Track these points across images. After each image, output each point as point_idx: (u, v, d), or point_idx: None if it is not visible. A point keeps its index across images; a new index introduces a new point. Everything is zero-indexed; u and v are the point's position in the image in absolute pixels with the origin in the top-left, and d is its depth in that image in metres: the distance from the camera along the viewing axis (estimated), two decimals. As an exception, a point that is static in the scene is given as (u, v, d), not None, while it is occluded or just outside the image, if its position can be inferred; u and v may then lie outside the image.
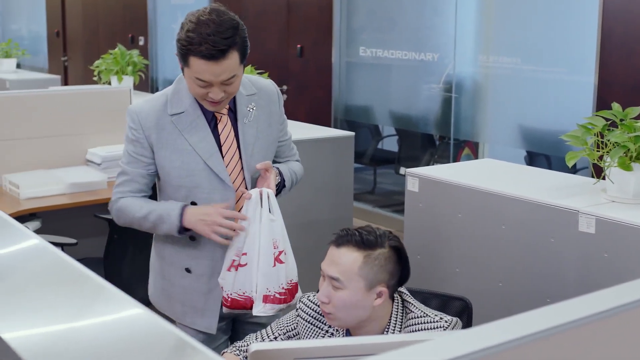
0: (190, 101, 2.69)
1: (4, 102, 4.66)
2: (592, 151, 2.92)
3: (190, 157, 2.68)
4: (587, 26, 5.28)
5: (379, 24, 7.10)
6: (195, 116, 2.69)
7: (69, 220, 4.76)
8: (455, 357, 0.89)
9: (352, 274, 2.24)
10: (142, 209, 2.70)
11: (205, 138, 2.69)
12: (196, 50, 2.48)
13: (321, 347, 1.41)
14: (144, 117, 2.69)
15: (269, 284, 2.68)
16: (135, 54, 6.18)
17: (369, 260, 2.26)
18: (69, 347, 1.04)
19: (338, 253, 2.27)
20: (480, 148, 6.52)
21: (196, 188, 2.69)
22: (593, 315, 1.01)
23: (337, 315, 2.27)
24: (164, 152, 2.69)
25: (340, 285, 2.24)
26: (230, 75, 2.55)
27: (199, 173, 2.68)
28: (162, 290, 2.88)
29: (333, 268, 2.26)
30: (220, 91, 2.56)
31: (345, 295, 2.24)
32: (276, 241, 2.69)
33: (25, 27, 13.46)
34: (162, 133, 2.68)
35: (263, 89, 2.85)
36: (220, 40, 2.48)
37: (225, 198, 2.70)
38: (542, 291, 2.93)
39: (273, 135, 2.85)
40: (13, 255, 1.43)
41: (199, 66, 2.51)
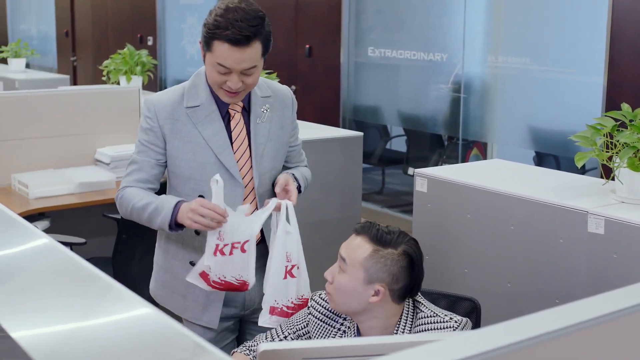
0: (206, 95, 2.72)
1: (13, 102, 4.67)
2: (601, 152, 2.91)
3: (202, 149, 2.70)
4: (596, 26, 5.27)
5: (388, 24, 7.10)
6: (211, 110, 2.72)
7: (78, 220, 4.77)
8: (464, 357, 0.89)
9: (356, 262, 2.28)
10: (142, 200, 2.70)
11: (219, 132, 2.71)
12: (222, 35, 2.53)
13: (330, 347, 1.41)
14: (161, 107, 2.72)
15: (277, 296, 2.66)
16: (144, 54, 6.19)
17: (375, 256, 2.27)
18: (78, 346, 1.04)
19: (354, 239, 2.33)
20: (488, 148, 6.51)
21: (205, 180, 2.69)
22: (602, 317, 1.00)
23: (333, 297, 2.33)
24: (176, 142, 2.71)
25: (344, 268, 2.30)
26: (251, 65, 2.58)
27: (210, 166, 2.70)
28: (164, 284, 2.89)
29: (344, 249, 2.33)
30: (238, 80, 2.59)
31: (343, 278, 2.30)
32: (290, 254, 2.68)
33: (34, 27, 13.50)
34: (176, 124, 2.71)
35: (278, 92, 2.88)
36: (247, 27, 2.52)
37: (234, 193, 2.71)
38: (550, 292, 2.92)
39: (284, 139, 2.87)
40: (22, 254, 1.43)
41: (222, 51, 2.55)
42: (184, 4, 9.62)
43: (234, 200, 2.69)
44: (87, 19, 11.54)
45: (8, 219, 1.57)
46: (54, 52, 12.60)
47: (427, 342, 0.94)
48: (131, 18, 10.52)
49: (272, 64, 6.94)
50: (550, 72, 5.65)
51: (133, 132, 5.11)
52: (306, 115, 7.28)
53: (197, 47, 9.27)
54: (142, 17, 10.26)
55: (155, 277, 2.97)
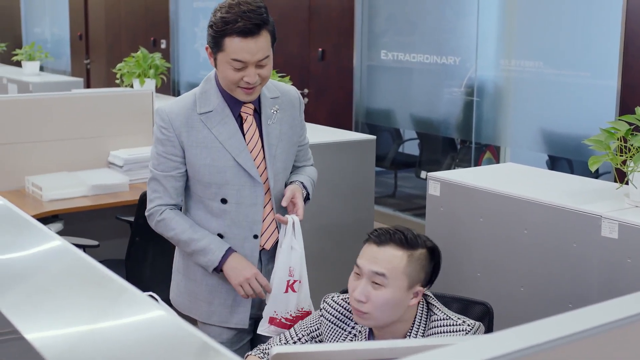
0: (218, 100, 2.74)
1: (27, 105, 4.69)
2: (615, 156, 2.90)
3: (220, 154, 2.72)
4: (610, 29, 5.25)
5: (401, 28, 7.10)
6: (224, 114, 2.74)
7: (91, 222, 4.79)
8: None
9: (398, 272, 2.25)
10: (185, 232, 2.75)
11: (234, 135, 2.74)
12: (232, 29, 2.55)
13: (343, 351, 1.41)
14: (174, 116, 2.74)
15: (277, 307, 2.74)
16: (157, 57, 6.21)
17: (412, 260, 2.27)
18: (91, 348, 1.04)
19: (380, 251, 2.27)
20: (501, 152, 6.49)
21: (226, 184, 2.73)
22: (616, 321, 1.00)
23: (373, 314, 2.26)
24: (194, 149, 2.73)
25: (383, 283, 2.24)
26: (265, 55, 2.61)
27: (229, 170, 2.73)
28: (187, 292, 2.89)
29: (378, 265, 2.25)
30: (255, 74, 2.62)
31: (387, 293, 2.24)
32: (293, 269, 2.75)
33: (48, 30, 13.56)
34: (192, 131, 2.73)
35: (286, 93, 2.90)
36: (256, 16, 2.56)
37: (255, 194, 2.76)
38: (564, 296, 2.91)
39: (294, 138, 2.90)
40: (36, 256, 1.43)
41: (235, 45, 2.57)
42: (197, 7, 9.65)
43: (255, 201, 2.76)
44: (100, 22, 11.59)
45: (22, 221, 1.58)
46: (67, 55, 12.65)
47: (439, 346, 0.94)
48: (144, 21, 10.55)
49: (285, 67, 6.95)
50: (563, 75, 5.63)
51: (146, 135, 5.13)
52: (319, 118, 7.28)
53: (210, 50, 9.28)
54: (155, 20, 10.29)
55: (176, 285, 2.96)
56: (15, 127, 4.60)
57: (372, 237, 2.30)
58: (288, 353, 1.35)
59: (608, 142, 2.88)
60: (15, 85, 8.05)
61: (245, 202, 2.76)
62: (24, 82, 7.94)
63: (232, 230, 2.77)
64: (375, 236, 2.29)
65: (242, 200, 2.75)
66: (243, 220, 2.77)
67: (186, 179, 2.81)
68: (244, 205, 2.76)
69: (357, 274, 2.29)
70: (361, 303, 2.25)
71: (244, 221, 2.77)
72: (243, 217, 2.77)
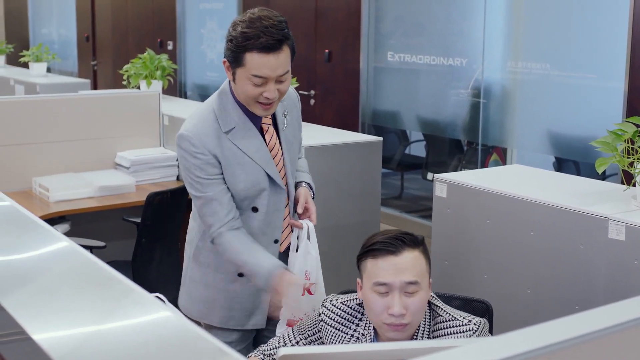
0: (238, 115, 2.72)
1: (34, 106, 4.70)
2: (622, 157, 2.89)
3: (251, 167, 2.72)
4: (617, 31, 5.24)
5: (407, 29, 7.09)
6: (247, 129, 2.73)
7: (98, 223, 4.80)
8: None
9: (425, 272, 2.25)
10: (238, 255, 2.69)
11: (260, 148, 2.74)
12: (254, 44, 2.53)
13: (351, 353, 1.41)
14: (205, 138, 2.67)
15: (294, 310, 2.75)
16: (164, 59, 6.21)
17: (425, 256, 2.28)
18: (98, 349, 1.04)
19: (401, 259, 2.22)
20: (508, 154, 6.49)
21: (259, 195, 2.76)
22: (623, 324, 1.00)
23: (413, 322, 2.22)
24: (229, 169, 2.71)
25: (416, 289, 2.21)
26: (285, 70, 2.61)
27: (263, 180, 2.75)
28: (203, 299, 2.87)
29: (407, 273, 2.20)
30: (275, 89, 2.61)
31: (423, 296, 2.23)
32: (309, 273, 2.78)
33: (55, 32, 13.59)
34: (224, 150, 2.69)
35: (288, 95, 2.91)
36: (277, 32, 2.55)
37: (279, 199, 2.80)
38: (570, 298, 2.90)
39: (299, 138, 2.96)
40: (43, 257, 1.44)
41: (256, 61, 2.55)
42: (204, 8, 9.65)
43: (279, 207, 2.80)
44: (107, 24, 11.61)
45: (29, 222, 1.58)
46: (74, 57, 12.67)
47: (447, 348, 0.94)
48: (151, 23, 10.56)
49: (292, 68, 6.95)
50: (570, 77, 5.62)
51: (153, 136, 5.14)
52: (325, 120, 7.28)
53: (216, 51, 9.30)
54: (162, 21, 10.30)
55: (188, 294, 2.93)
56: (22, 129, 4.61)
57: (385, 249, 2.23)
58: (296, 355, 1.35)
59: (615, 144, 2.88)
60: (23, 87, 8.06)
61: (272, 208, 2.79)
62: (31, 84, 7.96)
63: (258, 238, 2.77)
64: (386, 247, 2.23)
65: (269, 208, 2.79)
66: (268, 226, 2.80)
67: None
68: (270, 212, 2.79)
69: (382, 293, 2.22)
70: (401, 316, 2.20)
71: (268, 227, 2.80)
72: (268, 224, 2.80)
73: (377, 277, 2.21)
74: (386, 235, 2.26)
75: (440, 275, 3.42)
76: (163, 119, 5.21)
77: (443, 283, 3.39)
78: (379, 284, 2.21)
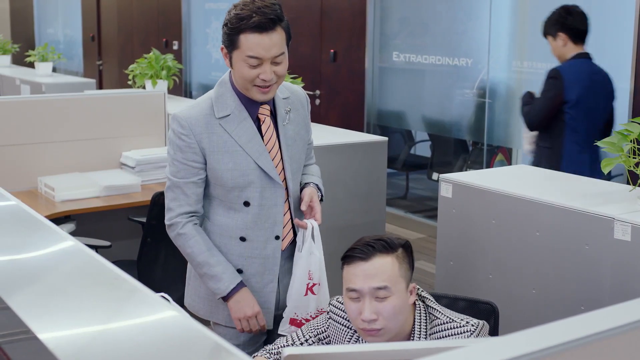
0: (235, 103, 2.75)
1: (39, 106, 4.71)
2: (628, 158, 2.89)
3: (241, 157, 2.73)
4: (623, 32, 5.23)
5: (413, 29, 7.09)
6: (242, 117, 2.74)
7: (103, 223, 4.80)
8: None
9: (396, 277, 2.26)
10: (201, 254, 2.75)
11: (254, 138, 2.75)
12: (247, 25, 2.57)
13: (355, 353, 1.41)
14: (194, 122, 2.71)
15: (297, 310, 2.78)
16: (169, 58, 6.22)
17: (400, 261, 2.29)
18: (104, 348, 1.05)
19: (370, 265, 2.25)
20: (513, 154, 6.48)
21: (248, 187, 2.75)
22: (629, 324, 1.00)
23: (387, 327, 2.24)
24: (215, 155, 2.72)
25: (386, 294, 2.23)
26: (280, 51, 2.62)
27: (251, 172, 2.74)
28: (209, 297, 2.87)
29: (375, 279, 2.24)
30: (270, 71, 2.63)
31: (394, 301, 2.24)
32: (312, 273, 2.79)
33: (61, 32, 13.61)
34: (213, 137, 2.72)
35: (294, 93, 2.93)
36: (270, 12, 2.59)
37: (275, 195, 2.78)
38: (576, 299, 2.90)
39: (305, 137, 2.94)
40: (48, 256, 1.44)
41: (250, 41, 2.59)
42: (209, 8, 9.66)
43: (276, 202, 2.79)
44: (113, 24, 11.62)
45: (35, 222, 1.58)
46: (80, 56, 12.69)
47: (451, 348, 0.94)
48: (157, 22, 10.57)
49: (297, 68, 6.95)
50: (576, 77, 5.60)
51: (159, 136, 5.14)
52: (330, 120, 7.28)
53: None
54: (167, 21, 10.31)
55: (194, 291, 2.94)
56: (28, 128, 4.62)
57: (356, 255, 2.27)
58: (300, 355, 1.35)
59: (621, 144, 2.87)
60: (28, 86, 8.08)
61: (267, 203, 2.78)
62: (36, 83, 7.97)
63: (255, 233, 2.78)
64: (357, 254, 2.27)
65: (264, 202, 2.78)
66: (265, 222, 2.79)
67: (204, 187, 2.80)
68: (265, 207, 2.78)
69: (353, 298, 2.27)
70: (373, 322, 2.23)
71: (266, 223, 2.79)
72: (265, 219, 2.79)
73: (348, 283, 2.27)
74: (361, 242, 2.30)
75: (446, 275, 3.41)
76: (168, 119, 5.22)
77: (448, 283, 3.39)
78: (350, 290, 2.27)
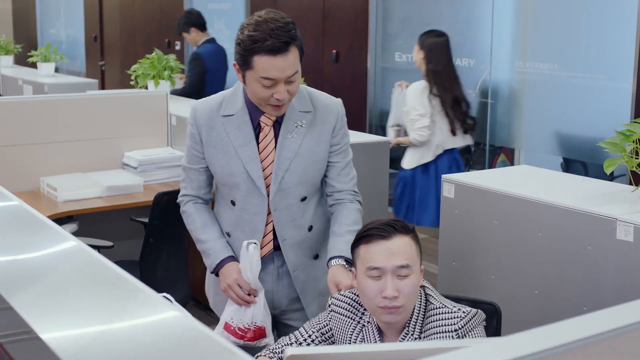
0: (241, 105, 2.76)
1: (42, 106, 4.71)
2: (630, 158, 2.89)
3: (232, 159, 2.76)
4: (625, 32, 5.22)
5: (415, 30, 7.08)
6: (243, 121, 2.76)
7: (106, 223, 4.80)
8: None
9: (415, 257, 2.29)
10: (196, 231, 2.88)
11: (248, 144, 2.75)
12: (260, 47, 2.55)
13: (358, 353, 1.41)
14: (199, 114, 2.81)
15: (234, 315, 2.81)
16: (171, 59, 6.22)
17: (416, 242, 2.32)
18: (106, 349, 1.05)
19: (393, 243, 2.27)
20: (516, 154, 6.48)
21: (235, 188, 2.79)
22: (631, 325, 1.00)
23: (406, 305, 2.26)
24: (211, 149, 2.80)
25: (408, 272, 2.26)
26: (294, 71, 2.62)
27: (239, 175, 2.76)
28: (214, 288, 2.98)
29: (399, 257, 2.26)
30: (284, 90, 2.62)
31: (414, 280, 2.27)
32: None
33: (63, 32, 13.62)
34: (212, 132, 2.78)
35: (323, 107, 2.86)
36: (284, 34, 2.56)
37: (260, 203, 2.79)
38: (578, 299, 2.90)
39: (320, 154, 2.84)
40: (51, 256, 1.44)
41: (264, 63, 2.57)
42: (212, 9, 9.66)
43: (260, 210, 2.79)
44: (115, 24, 11.63)
45: (37, 222, 1.59)
46: (82, 57, 12.70)
47: (454, 348, 0.94)
48: (159, 23, 10.58)
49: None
50: (578, 78, 5.61)
51: (161, 136, 5.14)
52: (333, 120, 7.26)
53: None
54: (169, 21, 10.31)
55: (212, 285, 3.02)
56: (30, 128, 4.62)
57: (376, 234, 2.29)
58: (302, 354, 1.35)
59: (623, 145, 2.87)
60: (31, 87, 8.08)
61: (250, 209, 2.80)
62: (39, 84, 7.98)
63: (237, 233, 2.84)
64: (378, 232, 2.29)
65: (247, 207, 2.80)
66: (246, 225, 2.82)
67: (211, 175, 2.90)
68: (248, 212, 2.80)
69: (374, 277, 2.27)
70: (394, 299, 2.24)
71: (247, 227, 2.82)
72: (246, 223, 2.81)
73: (370, 262, 2.27)
74: (378, 223, 2.32)
75: (448, 275, 3.41)
76: (170, 119, 5.22)
77: (450, 283, 3.39)
78: (372, 268, 2.26)
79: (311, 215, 2.87)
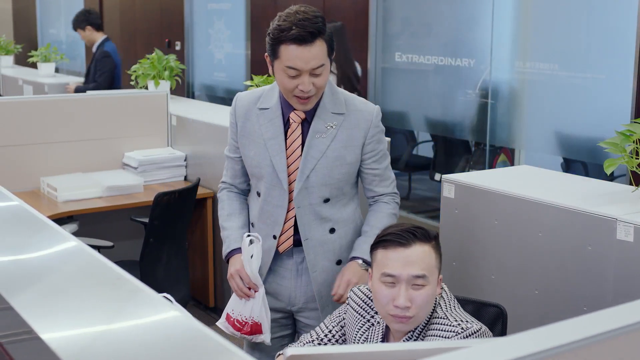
0: (276, 101, 2.83)
1: (42, 106, 4.71)
2: (630, 158, 2.88)
3: (261, 150, 2.83)
4: (625, 31, 5.22)
5: (415, 30, 7.09)
6: (275, 115, 2.83)
7: (106, 223, 4.81)
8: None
9: (433, 267, 2.25)
10: (221, 218, 3.01)
11: (277, 137, 2.82)
12: (286, 36, 2.62)
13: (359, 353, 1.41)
14: (239, 104, 2.92)
15: (235, 307, 2.90)
16: (172, 59, 6.22)
17: (436, 251, 2.28)
18: (106, 349, 1.05)
19: (411, 252, 2.22)
20: (516, 154, 6.48)
21: (261, 179, 2.87)
22: (632, 325, 1.00)
23: (418, 315, 2.23)
24: (244, 139, 2.89)
25: (424, 282, 2.21)
26: (319, 63, 2.65)
27: (265, 167, 2.83)
28: None
29: (415, 267, 2.21)
30: (309, 82, 2.66)
31: (429, 291, 2.22)
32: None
33: (63, 32, 13.61)
34: (247, 123, 2.87)
35: (356, 112, 2.86)
36: (310, 25, 2.62)
37: (282, 196, 2.84)
38: (578, 299, 2.90)
39: (348, 158, 2.85)
40: (51, 257, 1.44)
41: (289, 52, 2.63)
42: (212, 9, 9.66)
43: (281, 203, 2.85)
44: (115, 24, 11.63)
45: (37, 222, 1.59)
46: (82, 57, 12.69)
47: (455, 349, 0.94)
48: (159, 23, 10.58)
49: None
50: (578, 78, 5.61)
51: (161, 136, 5.15)
52: (333, 120, 7.26)
53: (224, 51, 9.31)
54: (170, 22, 10.31)
55: None
56: (30, 129, 4.62)
57: (395, 240, 2.24)
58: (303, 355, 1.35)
59: (624, 145, 2.87)
60: (31, 87, 8.09)
61: (272, 201, 2.85)
62: (39, 84, 7.98)
63: (259, 224, 2.91)
64: (397, 239, 2.24)
65: (269, 199, 2.86)
66: (267, 217, 2.88)
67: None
68: (270, 204, 2.86)
69: (388, 283, 2.23)
70: (406, 309, 2.20)
71: (269, 219, 2.87)
72: (268, 215, 2.87)
73: (385, 268, 2.23)
74: (399, 228, 2.28)
75: (448, 276, 3.41)
76: (171, 119, 5.22)
77: (451, 284, 3.38)
78: (387, 275, 2.23)
79: (334, 218, 2.89)
